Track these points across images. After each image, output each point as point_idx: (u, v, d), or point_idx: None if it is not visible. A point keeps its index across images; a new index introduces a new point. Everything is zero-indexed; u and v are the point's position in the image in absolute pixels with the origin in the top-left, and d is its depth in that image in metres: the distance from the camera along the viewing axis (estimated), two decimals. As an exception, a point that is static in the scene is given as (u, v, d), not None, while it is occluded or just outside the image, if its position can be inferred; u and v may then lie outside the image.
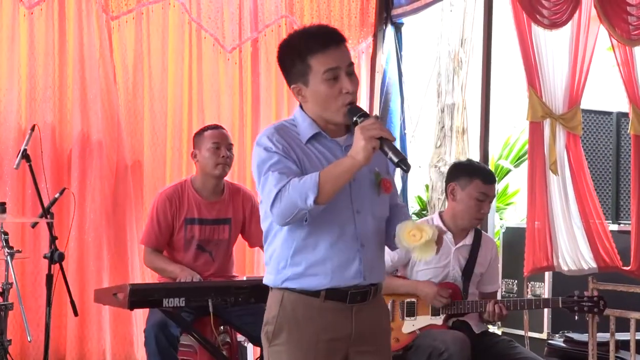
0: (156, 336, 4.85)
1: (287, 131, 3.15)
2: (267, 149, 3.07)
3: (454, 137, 9.68)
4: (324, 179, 2.91)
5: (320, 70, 3.06)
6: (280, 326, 3.14)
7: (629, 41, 6.65)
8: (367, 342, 3.19)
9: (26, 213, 6.03)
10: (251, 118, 6.90)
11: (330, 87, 3.06)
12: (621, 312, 5.64)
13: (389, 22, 7.59)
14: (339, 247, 3.10)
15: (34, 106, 6.16)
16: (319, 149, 3.14)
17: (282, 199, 2.96)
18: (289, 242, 3.12)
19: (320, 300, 3.11)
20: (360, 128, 2.91)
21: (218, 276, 5.29)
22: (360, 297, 3.15)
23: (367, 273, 3.14)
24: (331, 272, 3.09)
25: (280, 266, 3.14)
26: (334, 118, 3.11)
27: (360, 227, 3.13)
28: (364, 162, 2.90)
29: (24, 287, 5.90)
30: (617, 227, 7.17)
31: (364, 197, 3.15)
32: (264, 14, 7.04)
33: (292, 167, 3.04)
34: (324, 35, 3.13)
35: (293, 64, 3.13)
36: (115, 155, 6.37)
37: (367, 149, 2.88)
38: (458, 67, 9.70)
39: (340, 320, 3.14)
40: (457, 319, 4.99)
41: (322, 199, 2.92)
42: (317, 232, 3.09)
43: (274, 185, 2.99)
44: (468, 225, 5.05)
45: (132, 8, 6.52)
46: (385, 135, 2.91)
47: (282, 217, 3.00)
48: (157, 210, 5.24)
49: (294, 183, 2.95)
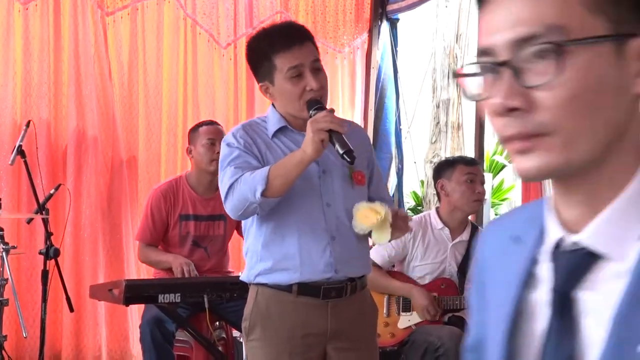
0: (152, 332, 4.85)
1: (255, 127, 3.19)
2: (230, 144, 3.13)
3: (449, 132, 9.70)
4: (273, 173, 2.94)
5: (284, 69, 3.08)
6: (254, 322, 3.16)
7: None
8: (347, 339, 3.18)
9: (21, 209, 6.02)
10: (246, 114, 6.90)
11: (294, 84, 3.09)
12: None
13: (384, 18, 7.59)
14: (307, 240, 3.10)
15: (29, 102, 6.14)
16: (284, 142, 3.17)
17: (234, 193, 3.01)
18: (258, 236, 3.15)
19: (293, 295, 3.11)
20: (311, 121, 2.94)
21: (213, 272, 5.30)
22: (335, 293, 3.15)
23: (340, 266, 3.13)
24: (300, 266, 3.10)
25: (252, 261, 3.17)
26: (299, 114, 3.13)
27: (330, 220, 3.13)
28: (313, 154, 2.92)
29: (19, 283, 5.90)
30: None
31: (335, 190, 3.16)
32: (259, 9, 7.03)
33: (251, 162, 3.07)
34: (287, 34, 3.15)
35: (260, 63, 3.16)
36: (111, 151, 6.36)
37: (315, 142, 2.89)
38: (453, 63, 9.71)
39: (315, 316, 3.14)
40: (453, 314, 5.00)
41: (271, 192, 2.94)
42: (284, 226, 3.10)
43: (228, 179, 3.04)
44: (469, 210, 5.06)
45: (127, 4, 6.50)
46: (334, 127, 2.91)
47: (235, 210, 3.04)
48: (152, 206, 5.25)
49: (245, 177, 2.99)
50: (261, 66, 3.16)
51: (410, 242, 5.02)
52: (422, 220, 5.08)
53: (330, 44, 7.30)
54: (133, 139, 6.50)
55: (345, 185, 3.19)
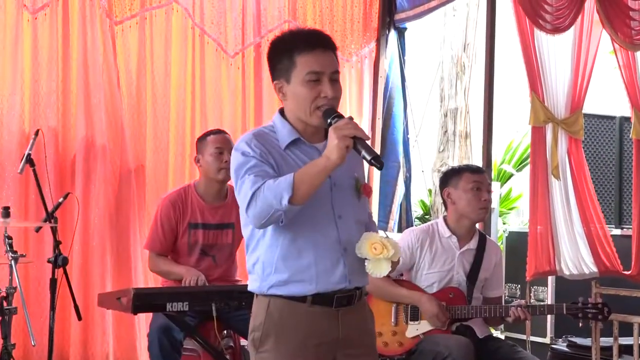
0: (160, 340, 4.85)
1: (266, 137, 3.17)
2: (245, 153, 3.09)
3: (457, 141, 9.71)
4: (298, 180, 2.92)
5: (303, 70, 3.09)
6: (267, 333, 3.14)
7: (631, 46, 6.66)
8: (355, 345, 3.20)
9: (30, 217, 6.03)
10: (254, 123, 6.90)
11: (310, 88, 3.09)
12: (624, 317, 5.64)
13: (392, 26, 7.60)
14: (322, 252, 3.10)
15: (37, 111, 6.16)
16: (297, 155, 3.16)
17: (257, 201, 2.97)
18: (273, 248, 3.12)
19: (306, 305, 3.11)
20: (334, 128, 2.93)
21: (221, 280, 5.30)
22: (346, 301, 3.16)
23: (352, 277, 3.14)
24: (316, 278, 3.10)
25: (265, 273, 3.14)
26: (309, 120, 3.13)
27: (342, 231, 3.13)
28: (338, 161, 2.91)
29: (27, 291, 5.91)
30: (620, 231, 7.18)
31: (346, 202, 3.17)
32: (267, 18, 7.04)
33: (269, 171, 3.05)
34: (313, 37, 3.18)
35: (280, 60, 3.16)
36: (119, 159, 6.37)
37: (340, 148, 2.89)
38: (461, 72, 9.73)
39: (327, 325, 3.14)
40: (461, 323, 4.99)
41: (297, 200, 2.93)
42: (299, 238, 3.09)
43: (249, 187, 3.01)
44: (476, 218, 5.05)
45: (135, 13, 6.52)
46: (359, 134, 2.92)
47: (258, 219, 3.01)
48: (161, 215, 5.25)
49: (269, 184, 2.97)
50: (280, 63, 3.15)
51: (418, 250, 5.01)
52: (430, 229, 5.08)
53: (338, 53, 7.28)
54: (141, 148, 6.51)
55: (354, 197, 3.21)
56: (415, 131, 7.81)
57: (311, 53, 3.10)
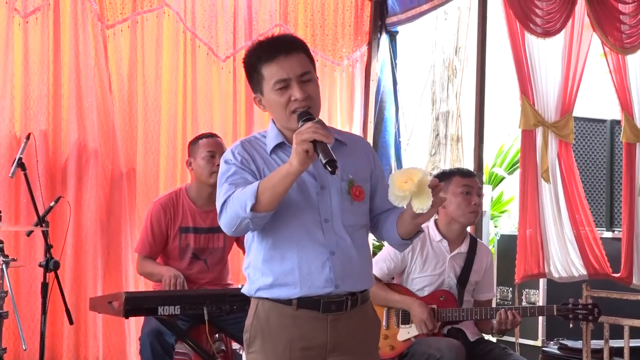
0: (151, 344, 4.84)
1: (254, 143, 3.19)
2: (227, 161, 3.12)
3: (448, 144, 9.71)
4: (262, 187, 2.92)
5: (270, 81, 3.10)
6: (254, 334, 3.16)
7: (621, 49, 6.68)
8: (347, 352, 3.17)
9: (21, 221, 6.02)
10: (245, 126, 6.91)
11: (280, 95, 3.09)
12: (615, 319, 5.66)
13: (383, 30, 7.61)
14: (306, 255, 3.09)
15: (29, 115, 6.14)
16: (282, 158, 3.15)
17: (227, 209, 3.00)
18: (259, 252, 3.14)
19: (292, 308, 3.11)
20: (295, 133, 2.92)
21: (213, 284, 5.30)
22: (336, 307, 3.13)
23: (340, 281, 3.10)
24: (300, 282, 3.09)
25: (254, 276, 3.17)
26: (288, 125, 3.13)
27: (329, 235, 3.11)
28: (299, 167, 2.88)
29: (19, 295, 5.90)
30: (611, 234, 7.19)
31: (333, 205, 3.13)
32: (258, 22, 7.04)
33: (248, 178, 3.06)
34: (273, 45, 3.16)
35: (251, 75, 3.19)
36: (111, 163, 6.36)
37: (299, 153, 2.86)
38: (452, 75, 9.74)
39: (314, 329, 3.13)
40: (452, 326, 5.00)
41: (261, 207, 2.92)
42: (283, 242, 3.10)
43: (222, 195, 3.03)
44: (465, 222, 5.06)
45: (127, 17, 6.51)
46: (318, 137, 2.87)
47: (229, 227, 3.03)
48: (152, 218, 5.25)
49: (237, 193, 2.98)
50: (252, 77, 3.18)
51: (409, 254, 5.02)
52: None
53: (329, 56, 7.31)
54: (132, 152, 6.50)
55: (344, 201, 3.16)
56: (407, 134, 7.83)
57: (273, 62, 3.10)
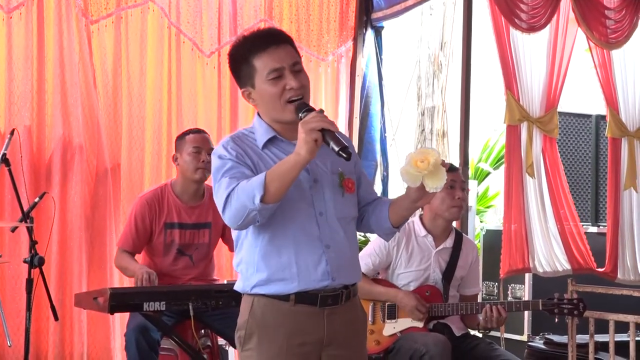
0: (137, 340, 4.83)
1: (244, 139, 3.17)
2: (221, 156, 3.10)
3: (434, 140, 9.71)
4: (270, 178, 2.91)
5: (263, 71, 3.10)
6: (250, 331, 3.15)
7: (606, 44, 6.70)
8: (341, 346, 3.18)
9: (5, 217, 6.00)
10: (229, 122, 6.89)
11: (274, 85, 3.09)
12: (600, 314, 5.67)
13: (369, 25, 7.60)
14: (302, 250, 3.09)
15: (13, 110, 6.11)
16: (275, 153, 3.15)
17: (232, 202, 2.97)
18: (254, 248, 3.13)
19: (290, 304, 3.11)
20: (302, 123, 2.92)
21: (199, 280, 5.29)
22: (332, 300, 3.14)
23: (336, 274, 3.12)
24: (297, 276, 3.09)
25: (248, 273, 3.15)
26: (282, 117, 3.13)
27: (323, 229, 3.12)
28: (307, 156, 2.89)
29: (3, 291, 5.88)
30: (596, 229, 7.22)
31: (327, 198, 3.15)
32: (243, 18, 7.02)
33: (246, 172, 3.05)
34: (263, 37, 3.18)
35: (239, 68, 3.17)
36: (95, 159, 6.34)
37: (308, 142, 2.87)
38: (438, 71, 9.73)
39: (311, 324, 3.13)
40: (438, 321, 5.01)
41: (269, 198, 2.91)
42: (279, 237, 3.09)
43: (224, 189, 3.00)
44: (449, 216, 5.05)
45: (111, 12, 6.49)
46: (326, 126, 2.89)
47: (234, 220, 3.01)
48: (136, 214, 5.23)
49: (242, 185, 2.96)
50: (241, 71, 3.16)
51: (394, 249, 5.02)
52: (406, 228, 5.07)
53: (314, 52, 7.30)
54: (117, 147, 6.48)
55: (336, 193, 3.17)
56: (393, 130, 7.83)
57: (266, 52, 3.10)
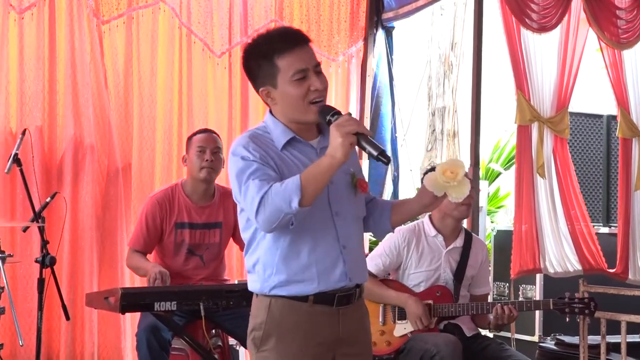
0: (148, 340, 4.84)
1: (262, 139, 3.13)
2: (245, 157, 3.05)
3: (444, 140, 9.69)
4: (305, 181, 2.89)
5: (288, 71, 3.06)
6: (268, 332, 3.13)
7: (617, 45, 6.68)
8: (352, 344, 3.20)
9: (17, 217, 6.01)
10: (240, 122, 6.89)
11: (298, 86, 3.05)
12: (612, 315, 5.65)
13: (379, 25, 7.60)
14: (321, 251, 3.09)
15: (24, 111, 6.14)
16: (294, 154, 3.13)
17: (266, 206, 2.94)
18: (273, 250, 3.10)
19: (308, 304, 3.10)
20: (336, 126, 2.89)
21: (209, 280, 5.28)
22: (346, 300, 3.15)
23: (352, 274, 3.13)
24: (317, 277, 3.09)
25: (266, 274, 3.12)
26: (303, 118, 3.10)
27: (340, 229, 3.12)
28: (343, 159, 2.88)
29: (15, 291, 5.89)
30: (607, 229, 7.20)
31: (342, 198, 3.15)
32: (253, 18, 7.03)
33: (272, 174, 3.02)
34: (288, 36, 3.13)
35: (260, 67, 3.12)
36: (107, 159, 6.36)
37: (345, 146, 2.85)
38: (449, 71, 9.71)
39: (327, 324, 3.14)
40: (449, 322, 5.00)
41: (306, 201, 2.90)
42: (298, 238, 3.07)
43: (256, 192, 2.96)
44: (458, 215, 5.04)
45: (122, 12, 6.51)
46: (362, 130, 2.89)
47: (269, 224, 2.97)
48: (147, 213, 5.23)
49: (276, 188, 2.93)
50: (261, 70, 3.11)
51: (405, 250, 5.02)
52: (416, 228, 5.08)
53: (325, 52, 7.30)
54: (128, 147, 6.49)
55: (350, 193, 3.18)
56: (403, 130, 7.82)
57: (291, 53, 3.07)
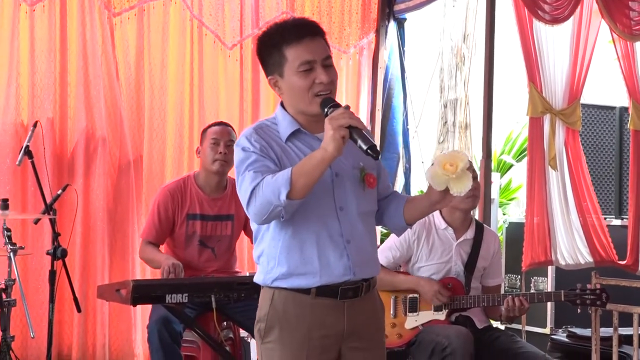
0: (159, 332, 4.85)
1: (267, 130, 3.14)
2: (245, 149, 3.07)
3: (456, 132, 9.68)
4: (296, 174, 2.89)
5: (295, 62, 3.06)
6: (271, 324, 3.13)
7: (630, 36, 6.66)
8: (360, 338, 3.18)
9: (29, 209, 6.03)
10: (251, 114, 6.90)
11: (304, 77, 3.05)
12: (624, 307, 5.64)
13: (391, 17, 7.59)
14: (324, 244, 3.08)
15: (36, 103, 6.15)
16: (298, 146, 3.13)
17: (256, 197, 2.95)
18: (276, 242, 3.10)
19: (311, 297, 3.09)
20: (329, 119, 2.89)
21: (221, 272, 5.29)
22: (352, 293, 3.13)
23: (357, 269, 3.11)
24: (319, 271, 3.07)
25: (269, 266, 3.13)
26: (308, 109, 3.10)
27: (344, 223, 3.11)
28: (335, 152, 2.87)
29: (26, 283, 5.91)
30: (620, 221, 7.18)
31: (348, 193, 3.13)
32: (264, 10, 7.03)
33: (270, 166, 3.03)
34: (299, 27, 3.12)
35: (270, 55, 3.13)
36: (118, 151, 6.37)
37: (336, 139, 2.85)
38: (461, 63, 9.69)
39: (332, 317, 3.12)
40: (460, 314, 5.00)
41: (295, 194, 2.90)
42: (302, 231, 3.07)
43: (249, 184, 2.98)
44: (465, 207, 5.01)
45: (133, 4, 6.51)
46: (354, 123, 2.87)
47: (259, 215, 2.99)
48: (159, 205, 5.24)
49: (267, 180, 2.93)
50: (271, 58, 3.12)
51: (415, 243, 5.01)
52: (426, 221, 5.05)
53: (335, 44, 7.29)
54: (139, 139, 6.50)
55: (357, 188, 3.16)
56: (415, 122, 7.81)
57: (300, 43, 3.06)
